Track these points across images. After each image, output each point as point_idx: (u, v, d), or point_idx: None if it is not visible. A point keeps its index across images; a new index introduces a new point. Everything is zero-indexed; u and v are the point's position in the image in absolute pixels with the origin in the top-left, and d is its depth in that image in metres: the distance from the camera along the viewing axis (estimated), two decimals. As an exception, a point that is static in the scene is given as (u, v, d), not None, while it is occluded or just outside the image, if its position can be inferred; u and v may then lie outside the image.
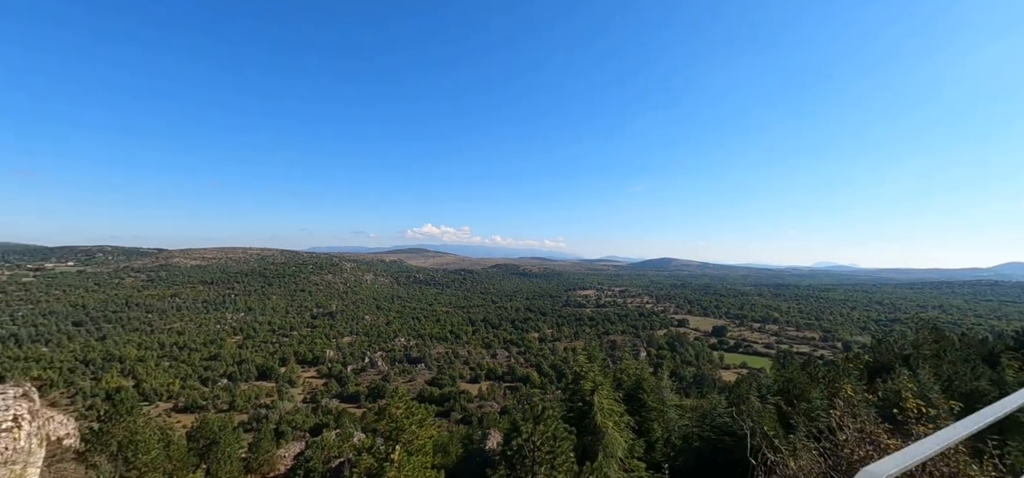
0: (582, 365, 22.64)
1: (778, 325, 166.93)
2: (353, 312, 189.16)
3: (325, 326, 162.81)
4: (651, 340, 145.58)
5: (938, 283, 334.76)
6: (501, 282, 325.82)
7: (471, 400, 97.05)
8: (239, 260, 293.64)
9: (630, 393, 24.37)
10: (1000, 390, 20.91)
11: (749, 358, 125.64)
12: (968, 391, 23.41)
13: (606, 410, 20.61)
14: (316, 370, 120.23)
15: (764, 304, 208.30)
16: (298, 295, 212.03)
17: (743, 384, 25.90)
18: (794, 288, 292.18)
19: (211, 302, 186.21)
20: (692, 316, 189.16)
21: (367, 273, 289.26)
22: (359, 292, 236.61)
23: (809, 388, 26.34)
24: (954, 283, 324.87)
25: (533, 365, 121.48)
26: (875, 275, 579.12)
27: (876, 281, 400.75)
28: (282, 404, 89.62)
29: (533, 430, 11.62)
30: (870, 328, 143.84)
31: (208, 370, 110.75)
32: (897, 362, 32.38)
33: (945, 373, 26.61)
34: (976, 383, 23.32)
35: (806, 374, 27.73)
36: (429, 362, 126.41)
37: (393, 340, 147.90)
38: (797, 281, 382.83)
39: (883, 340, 42.30)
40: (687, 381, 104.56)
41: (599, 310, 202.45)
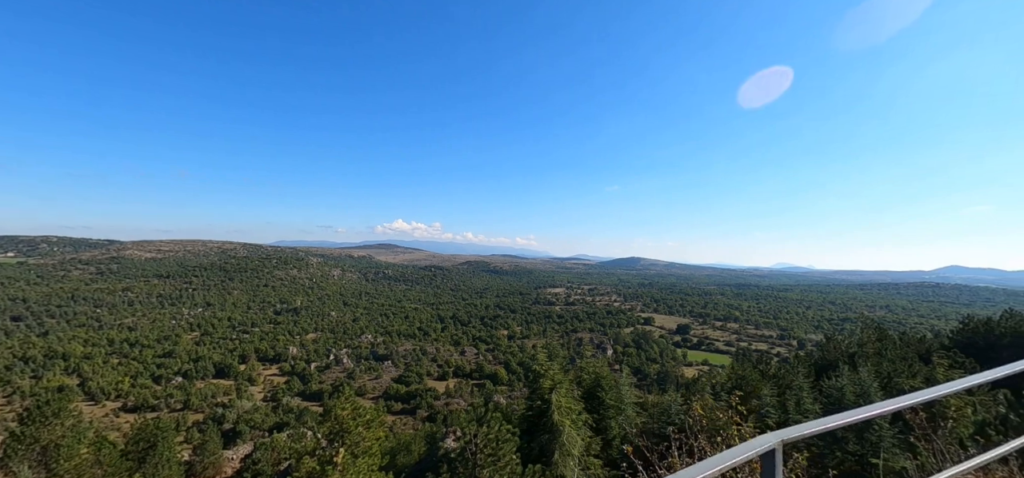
0: (542, 363, 22.69)
1: (739, 323, 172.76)
2: (319, 308, 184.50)
3: (289, 322, 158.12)
4: (618, 338, 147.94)
5: (886, 284, 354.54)
6: (472, 279, 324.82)
7: (438, 398, 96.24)
8: (198, 253, 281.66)
9: (589, 391, 24.63)
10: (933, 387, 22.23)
11: (711, 355, 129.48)
12: (905, 388, 24.73)
13: (564, 408, 20.72)
14: (278, 368, 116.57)
15: (726, 303, 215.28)
16: (261, 290, 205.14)
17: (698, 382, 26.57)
18: (755, 288, 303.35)
19: (167, 297, 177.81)
20: (658, 314, 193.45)
21: (334, 269, 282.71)
22: (325, 288, 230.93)
23: (760, 385, 27.30)
24: (900, 284, 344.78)
25: (501, 362, 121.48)
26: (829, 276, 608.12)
27: (830, 282, 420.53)
28: (241, 403, 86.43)
29: (477, 431, 11.50)
30: (823, 327, 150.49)
31: (161, 368, 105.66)
32: (843, 360, 33.99)
33: (885, 371, 28.02)
34: (912, 381, 24.70)
35: (758, 371, 28.77)
36: (396, 359, 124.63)
37: (360, 337, 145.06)
38: (758, 281, 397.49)
39: (832, 338, 44.38)
40: (651, 378, 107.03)
41: (568, 308, 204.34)
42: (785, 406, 26.95)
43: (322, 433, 11.83)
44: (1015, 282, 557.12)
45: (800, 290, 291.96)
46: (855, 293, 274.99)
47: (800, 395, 26.10)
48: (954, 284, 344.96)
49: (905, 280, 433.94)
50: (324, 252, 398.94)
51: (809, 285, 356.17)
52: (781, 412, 26.64)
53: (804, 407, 25.55)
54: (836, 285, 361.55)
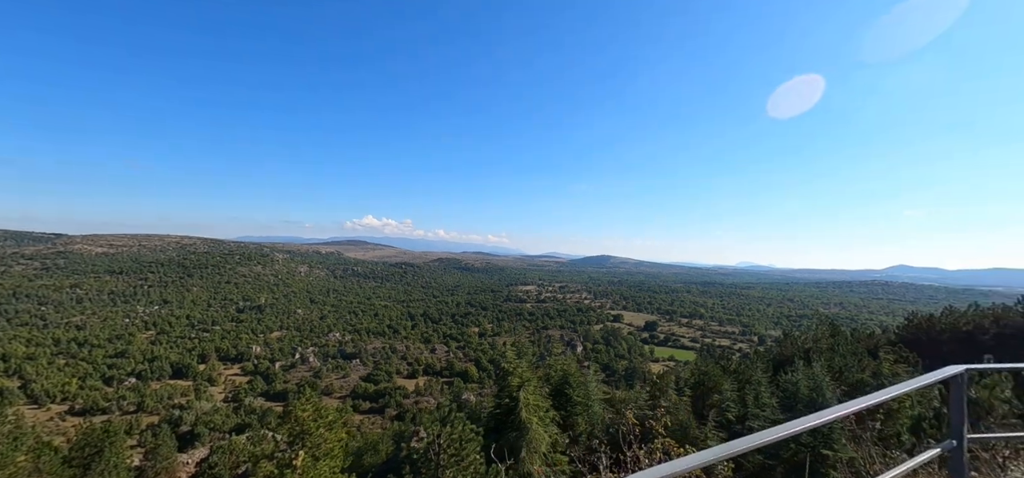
0: (510, 361, 22.67)
1: (703, 320, 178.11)
2: (284, 306, 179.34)
3: (252, 320, 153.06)
4: (588, 335, 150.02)
5: (840, 282, 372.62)
6: (443, 276, 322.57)
7: (407, 396, 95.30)
8: (155, 248, 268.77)
9: (557, 388, 24.79)
10: (878, 380, 23.47)
11: (677, 351, 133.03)
12: (854, 382, 26.04)
13: (531, 406, 20.80)
14: (240, 367, 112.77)
15: (692, 300, 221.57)
16: (223, 287, 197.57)
17: (663, 378, 27.20)
18: (719, 286, 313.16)
19: (119, 294, 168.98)
20: (627, 312, 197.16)
21: (301, 265, 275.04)
22: (291, 285, 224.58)
23: (721, 380, 28.18)
24: (853, 283, 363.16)
25: (472, 360, 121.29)
26: (789, 275, 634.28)
27: (789, 280, 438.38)
28: (200, 404, 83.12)
29: (440, 432, 11.42)
30: (782, 323, 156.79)
31: (113, 368, 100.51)
32: (799, 355, 35.49)
33: (837, 365, 29.39)
34: (861, 375, 26.02)
35: (719, 367, 29.70)
36: (365, 358, 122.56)
37: (327, 335, 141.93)
38: (722, 279, 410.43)
39: (789, 335, 46.20)
40: (620, 374, 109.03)
41: (539, 305, 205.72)
42: (744, 400, 27.91)
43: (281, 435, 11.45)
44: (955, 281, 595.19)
45: (761, 288, 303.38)
46: (812, 291, 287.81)
47: (758, 390, 27.06)
48: (902, 282, 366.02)
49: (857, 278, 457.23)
50: (290, 248, 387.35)
51: (770, 283, 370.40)
52: (741, 406, 27.57)
53: (762, 401, 26.48)
54: (795, 283, 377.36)
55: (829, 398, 23.06)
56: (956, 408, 2.74)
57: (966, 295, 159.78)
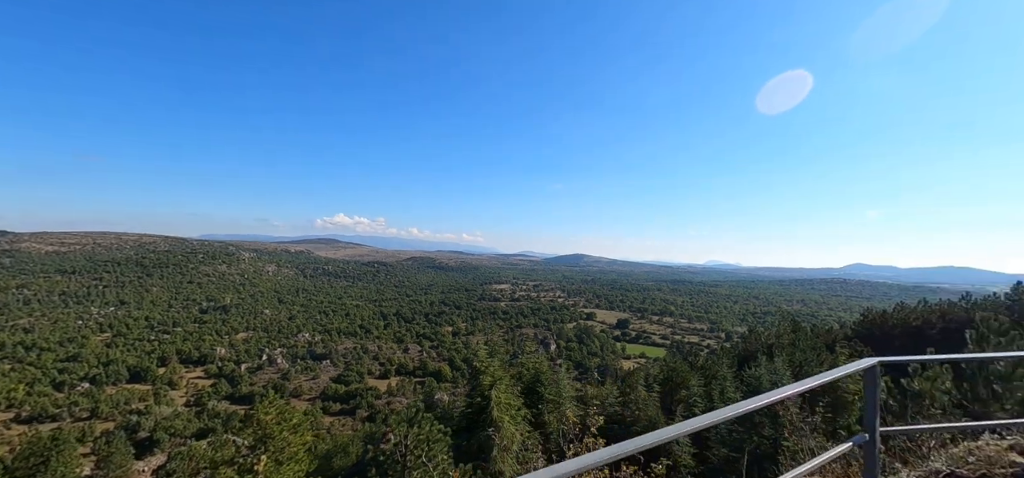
0: (482, 360, 22.67)
1: (674, 317, 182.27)
2: (251, 306, 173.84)
3: (216, 322, 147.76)
4: (561, 333, 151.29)
5: (802, 280, 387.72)
6: (416, 275, 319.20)
7: (379, 397, 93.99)
8: (110, 247, 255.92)
9: (529, 386, 24.97)
10: (834, 374, 24.61)
11: (647, 348, 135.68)
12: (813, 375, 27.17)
13: (503, 404, 20.83)
14: (203, 370, 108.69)
15: (662, 298, 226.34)
16: (185, 287, 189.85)
17: (633, 375, 27.72)
18: (688, 284, 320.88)
19: (72, 294, 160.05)
20: (599, 310, 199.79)
21: (269, 264, 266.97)
22: (259, 284, 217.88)
23: (689, 376, 28.93)
24: (814, 280, 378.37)
25: (446, 359, 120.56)
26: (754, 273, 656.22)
27: (755, 278, 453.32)
28: (159, 409, 79.69)
29: (407, 432, 11.30)
30: (747, 320, 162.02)
31: (65, 373, 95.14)
32: (762, 350, 36.74)
33: (797, 360, 30.53)
34: (819, 368, 27.19)
35: (687, 363, 30.56)
36: (335, 358, 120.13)
37: (296, 336, 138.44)
38: (691, 278, 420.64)
39: (753, 331, 47.86)
40: (592, 371, 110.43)
41: (513, 304, 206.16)
42: (711, 395, 28.74)
43: (243, 440, 11.06)
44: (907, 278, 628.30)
45: (728, 286, 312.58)
46: (776, 288, 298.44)
47: (724, 385, 27.93)
48: (859, 280, 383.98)
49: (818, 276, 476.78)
50: (258, 246, 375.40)
51: (736, 281, 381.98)
52: (707, 401, 28.38)
53: (727, 395, 27.34)
54: (760, 281, 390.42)
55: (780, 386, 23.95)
56: (869, 401, 2.82)
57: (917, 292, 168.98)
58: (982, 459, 3.45)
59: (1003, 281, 49.36)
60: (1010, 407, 7.84)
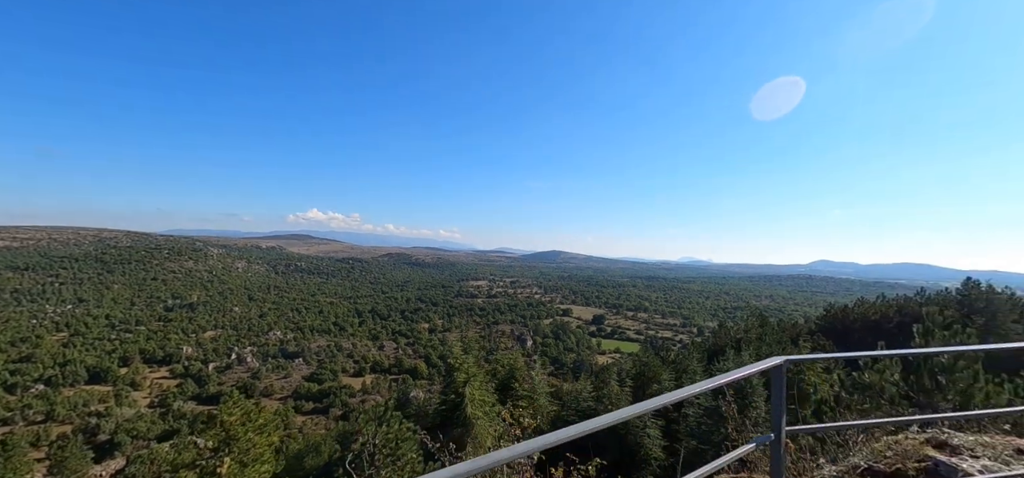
0: (457, 357, 22.62)
1: (648, 313, 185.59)
2: (219, 304, 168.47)
3: (182, 320, 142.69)
4: (537, 329, 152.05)
5: (771, 276, 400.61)
6: (392, 272, 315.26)
7: (354, 395, 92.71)
8: (68, 242, 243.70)
9: (504, 382, 25.07)
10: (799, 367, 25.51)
11: (622, 344, 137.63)
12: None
13: (477, 401, 20.86)
14: (169, 370, 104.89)
15: (637, 294, 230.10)
16: (149, 285, 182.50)
17: (607, 370, 28.14)
18: (662, 280, 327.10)
19: (25, 292, 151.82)
20: (575, 306, 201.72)
21: (239, 260, 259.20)
22: (227, 281, 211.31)
23: (660, 371, 29.53)
24: (781, 277, 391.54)
25: (422, 356, 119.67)
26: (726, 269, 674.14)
27: (726, 275, 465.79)
28: (120, 411, 76.58)
29: (375, 431, 11.18)
30: (719, 315, 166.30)
31: (17, 375, 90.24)
32: (731, 345, 37.82)
33: (764, 353, 31.57)
34: (783, 361, 28.19)
35: (659, 358, 31.19)
36: (308, 356, 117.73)
37: (267, 334, 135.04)
38: (665, 274, 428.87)
39: (723, 325, 49.26)
40: (568, 367, 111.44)
41: (490, 300, 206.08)
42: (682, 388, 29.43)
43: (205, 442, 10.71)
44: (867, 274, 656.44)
45: (701, 282, 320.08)
46: (746, 284, 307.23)
47: (694, 379, 28.65)
48: (823, 276, 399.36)
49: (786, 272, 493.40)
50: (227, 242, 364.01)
51: (709, 278, 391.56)
52: (678, 394, 29.07)
53: (697, 389, 28.04)
54: (731, 277, 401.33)
55: (755, 385, 24.71)
56: (776, 400, 2.78)
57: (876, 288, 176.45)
58: (899, 453, 3.58)
59: (955, 277, 52.17)
60: (952, 397, 8.33)
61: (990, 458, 3.30)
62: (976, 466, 3.15)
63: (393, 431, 12.60)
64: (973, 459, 3.23)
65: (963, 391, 7.78)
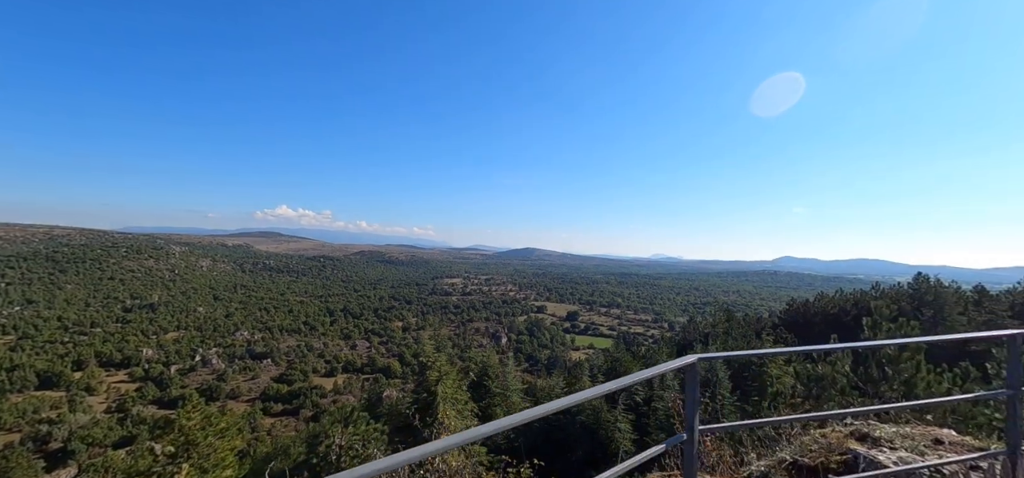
0: (429, 355, 22.53)
1: (621, 309, 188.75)
2: (182, 304, 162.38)
3: (142, 321, 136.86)
4: (512, 326, 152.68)
5: (738, 272, 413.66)
6: (365, 270, 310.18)
7: (325, 395, 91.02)
8: (15, 240, 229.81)
9: (477, 380, 25.17)
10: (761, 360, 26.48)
11: (596, 339, 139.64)
12: (742, 363, 29.10)
13: (449, 399, 20.84)
14: (127, 373, 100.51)
15: (610, 290, 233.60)
16: (105, 284, 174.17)
17: (579, 366, 28.56)
18: (635, 276, 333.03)
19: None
20: (550, 302, 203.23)
21: (203, 258, 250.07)
22: (191, 280, 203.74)
23: (631, 365, 30.18)
24: (748, 272, 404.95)
25: (395, 355, 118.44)
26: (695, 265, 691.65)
27: (696, 271, 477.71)
28: (74, 417, 72.94)
29: (341, 432, 11.09)
30: (689, 310, 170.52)
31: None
32: (699, 339, 38.94)
33: (730, 348, 32.64)
34: (747, 355, 29.23)
35: (630, 353, 31.88)
36: (277, 357, 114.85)
37: (233, 334, 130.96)
38: (637, 270, 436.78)
39: (692, 320, 50.62)
40: (543, 363, 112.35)
41: (465, 298, 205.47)
42: (651, 383, 30.15)
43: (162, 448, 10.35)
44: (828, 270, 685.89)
45: (672, 278, 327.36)
46: (715, 280, 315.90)
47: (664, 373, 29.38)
48: (787, 272, 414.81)
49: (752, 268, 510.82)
50: (191, 240, 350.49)
51: (679, 274, 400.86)
52: (648, 389, 29.75)
53: (665, 382, 28.76)
54: (701, 273, 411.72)
55: (721, 378, 25.54)
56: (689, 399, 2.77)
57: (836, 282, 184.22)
58: (824, 446, 3.82)
59: (907, 272, 55.56)
60: (897, 387, 8.90)
61: (907, 449, 3.57)
62: (892, 457, 3.41)
63: (360, 432, 12.48)
64: (891, 450, 3.50)
65: (907, 381, 8.33)
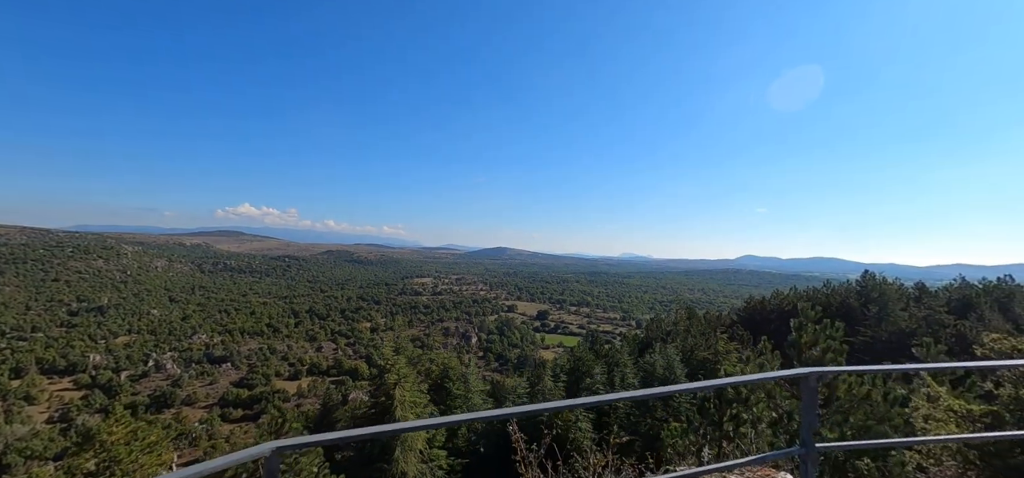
0: (387, 358, 22.07)
1: (590, 308, 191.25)
2: (134, 306, 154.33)
3: (90, 325, 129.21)
4: (482, 326, 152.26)
5: (703, 271, 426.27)
6: (332, 270, 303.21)
7: (288, 399, 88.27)
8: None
9: (437, 382, 24.79)
10: (716, 358, 27.18)
11: (565, 338, 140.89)
12: (700, 360, 29.79)
13: (407, 403, 20.46)
14: (72, 380, 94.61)
15: (580, 289, 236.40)
16: (49, 286, 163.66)
17: (542, 365, 28.59)
18: (604, 275, 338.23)
19: None
20: (520, 302, 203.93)
21: (158, 259, 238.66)
22: (144, 282, 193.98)
23: (593, 364, 30.42)
24: (712, 271, 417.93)
25: (363, 357, 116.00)
26: (663, 264, 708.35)
27: (664, 269, 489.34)
28: (11, 428, 68.03)
29: None
30: (655, 308, 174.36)
31: None
32: (660, 337, 39.69)
33: (689, 345, 33.27)
34: (705, 353, 29.92)
35: (593, 352, 32.14)
36: (238, 360, 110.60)
37: (190, 337, 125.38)
38: (607, 269, 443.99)
39: (655, 319, 51.60)
40: (512, 363, 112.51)
41: (435, 298, 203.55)
42: (613, 381, 30.49)
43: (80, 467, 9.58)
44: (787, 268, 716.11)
45: (640, 277, 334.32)
46: (681, 278, 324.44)
47: (624, 371, 29.76)
48: (749, 270, 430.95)
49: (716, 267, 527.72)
50: (145, 239, 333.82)
51: (647, 272, 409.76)
52: (609, 387, 30.08)
53: (627, 382, 29.14)
54: (668, 272, 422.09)
55: (679, 376, 26.03)
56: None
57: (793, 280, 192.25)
58: None
59: (858, 269, 59.19)
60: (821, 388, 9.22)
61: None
62: None
63: None
64: None
65: (829, 383, 8.60)
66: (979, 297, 46.70)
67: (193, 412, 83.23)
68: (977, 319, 40.36)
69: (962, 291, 50.23)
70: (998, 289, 48.71)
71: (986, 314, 41.51)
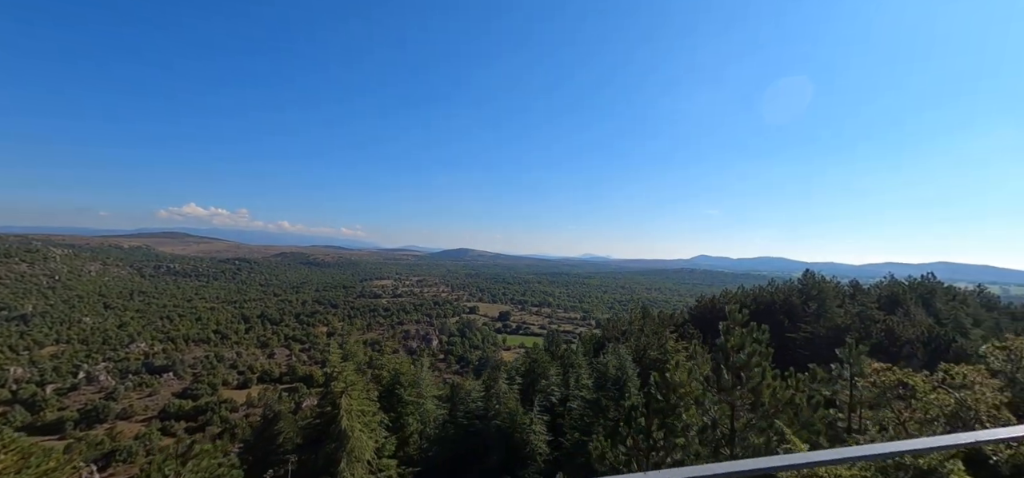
0: (334, 365, 21.23)
1: (551, 308, 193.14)
2: (63, 314, 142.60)
3: (11, 335, 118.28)
4: (444, 328, 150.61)
5: (659, 271, 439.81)
6: (286, 273, 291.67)
7: (236, 409, 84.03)
8: None
9: (388, 388, 24.11)
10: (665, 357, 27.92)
11: (526, 339, 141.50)
12: (652, 360, 30.47)
13: (354, 412, 19.75)
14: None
15: (542, 290, 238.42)
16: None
17: (496, 368, 28.39)
18: (565, 276, 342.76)
19: None
20: (483, 303, 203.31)
21: (92, 262, 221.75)
22: (76, 287, 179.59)
23: (549, 366, 30.50)
24: (669, 271, 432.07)
25: (318, 362, 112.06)
26: (622, 265, 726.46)
27: (623, 270, 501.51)
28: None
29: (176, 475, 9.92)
30: (614, 308, 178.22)
31: None
32: (615, 337, 40.37)
33: (642, 344, 33.92)
34: (656, 353, 30.65)
35: (548, 354, 32.25)
36: (181, 370, 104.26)
37: (127, 346, 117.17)
38: (568, 270, 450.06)
39: (611, 318, 52.60)
40: (474, 365, 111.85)
41: (395, 300, 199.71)
42: (568, 382, 30.68)
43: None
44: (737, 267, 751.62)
45: (600, 277, 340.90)
46: (639, 278, 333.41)
47: (579, 372, 30.01)
48: (703, 270, 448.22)
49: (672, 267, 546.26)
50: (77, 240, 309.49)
51: (607, 273, 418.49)
52: (564, 389, 30.24)
53: (582, 383, 29.35)
54: (627, 272, 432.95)
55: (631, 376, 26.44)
56: None
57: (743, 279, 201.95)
58: None
59: (800, 269, 63.58)
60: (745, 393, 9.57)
61: None
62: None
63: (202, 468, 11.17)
64: None
65: (754, 388, 8.91)
66: (906, 293, 50.57)
67: (129, 426, 77.77)
68: (904, 314, 43.59)
69: (891, 288, 54.24)
70: (922, 286, 52.88)
71: (911, 309, 44.91)
